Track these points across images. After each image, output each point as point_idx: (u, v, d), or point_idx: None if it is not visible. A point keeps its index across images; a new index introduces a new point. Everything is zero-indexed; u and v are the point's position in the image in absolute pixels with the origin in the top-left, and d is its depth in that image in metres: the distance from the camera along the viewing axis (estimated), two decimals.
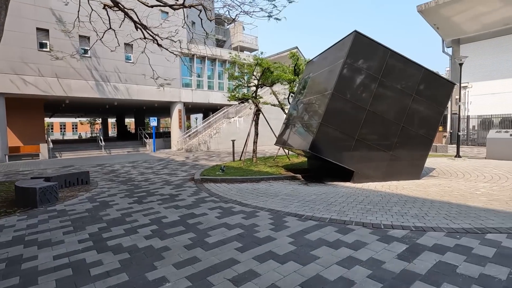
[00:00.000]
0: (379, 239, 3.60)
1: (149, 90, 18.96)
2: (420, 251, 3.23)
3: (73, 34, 15.52)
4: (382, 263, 2.98)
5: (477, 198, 5.43)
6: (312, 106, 7.79)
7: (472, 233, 3.74)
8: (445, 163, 10.63)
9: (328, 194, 6.02)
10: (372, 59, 7.01)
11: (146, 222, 4.49)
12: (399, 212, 4.69)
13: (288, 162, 11.15)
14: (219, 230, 4.04)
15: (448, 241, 3.49)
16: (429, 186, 6.69)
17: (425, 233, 3.79)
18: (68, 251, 3.47)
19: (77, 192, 6.91)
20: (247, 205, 5.34)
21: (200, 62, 22.63)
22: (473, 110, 20.32)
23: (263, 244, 3.52)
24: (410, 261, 3.00)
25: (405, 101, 7.18)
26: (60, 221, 4.68)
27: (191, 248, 3.45)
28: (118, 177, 9.10)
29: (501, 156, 11.21)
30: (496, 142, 11.50)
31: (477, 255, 3.10)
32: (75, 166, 12.42)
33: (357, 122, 6.94)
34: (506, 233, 3.69)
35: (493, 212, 4.55)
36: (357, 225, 4.14)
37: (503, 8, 17.28)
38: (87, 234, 4.04)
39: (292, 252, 3.30)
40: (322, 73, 7.89)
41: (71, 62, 15.89)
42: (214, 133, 20.98)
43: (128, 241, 3.73)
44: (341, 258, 3.11)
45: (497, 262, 2.94)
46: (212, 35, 23.51)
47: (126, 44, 17.83)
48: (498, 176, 7.71)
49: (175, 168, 11.08)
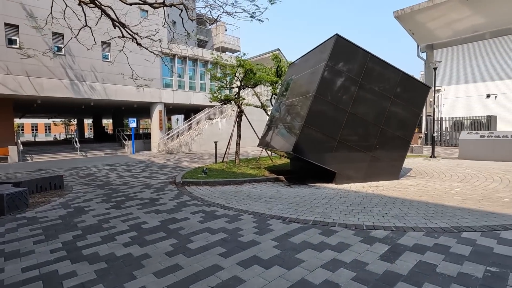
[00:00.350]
0: (362, 240, 3.64)
1: (128, 90, 18.38)
2: (402, 252, 3.29)
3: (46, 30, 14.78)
4: (366, 264, 3.01)
5: (452, 198, 5.66)
6: (294, 108, 7.83)
7: (449, 232, 3.87)
8: (421, 164, 11.04)
9: (311, 196, 6.05)
10: (353, 62, 7.14)
11: (125, 229, 4.30)
12: (380, 212, 4.79)
13: (271, 163, 11.15)
14: (202, 235, 3.94)
15: (427, 241, 3.59)
16: (407, 186, 6.90)
17: (406, 233, 3.88)
18: (38, 262, 3.25)
19: (50, 198, 6.54)
20: (230, 208, 5.26)
21: (182, 62, 22.24)
22: (445, 113, 21.31)
23: (247, 249, 3.46)
24: (392, 262, 3.05)
25: (384, 103, 7.38)
26: (30, 229, 4.38)
27: (172, 255, 3.33)
28: (94, 181, 8.72)
29: (472, 156, 11.80)
30: (467, 143, 12.10)
31: (455, 254, 3.20)
32: (47, 169, 11.78)
33: (339, 124, 7.04)
34: (480, 231, 3.85)
35: (467, 211, 4.74)
36: (340, 226, 4.17)
37: (472, 16, 18.27)
38: (60, 243, 3.80)
39: (277, 256, 3.26)
40: (304, 75, 7.95)
41: (44, 60, 15.11)
42: (196, 134, 20.68)
43: (105, 250, 3.55)
44: (325, 261, 3.10)
45: (473, 260, 3.04)
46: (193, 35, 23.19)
47: (103, 43, 17.18)
48: (470, 175, 8.09)
49: (155, 170, 10.77)
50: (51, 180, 7.56)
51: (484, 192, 6.08)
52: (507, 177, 7.63)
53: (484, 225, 4.05)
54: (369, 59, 7.19)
